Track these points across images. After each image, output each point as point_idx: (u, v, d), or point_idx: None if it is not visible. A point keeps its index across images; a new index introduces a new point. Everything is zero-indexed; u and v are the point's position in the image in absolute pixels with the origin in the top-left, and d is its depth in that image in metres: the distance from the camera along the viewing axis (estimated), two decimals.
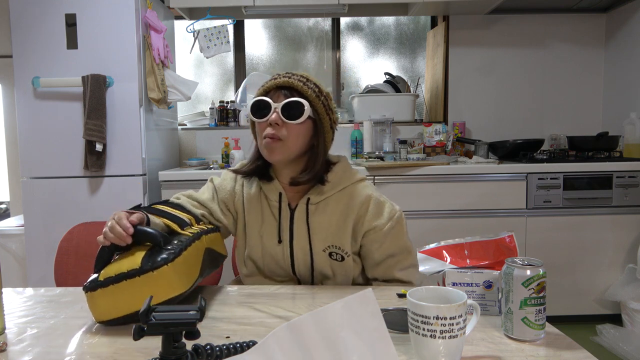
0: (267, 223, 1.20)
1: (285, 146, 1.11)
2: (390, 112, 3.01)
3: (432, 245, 0.96)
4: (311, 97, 1.12)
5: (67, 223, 1.65)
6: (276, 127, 1.10)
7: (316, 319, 0.59)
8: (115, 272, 0.88)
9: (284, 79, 1.13)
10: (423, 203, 2.54)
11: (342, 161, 1.22)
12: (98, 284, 0.88)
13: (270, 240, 1.19)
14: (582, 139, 2.83)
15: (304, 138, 1.13)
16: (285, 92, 1.12)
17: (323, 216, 1.17)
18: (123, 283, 0.87)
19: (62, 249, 1.47)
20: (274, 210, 1.19)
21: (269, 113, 1.11)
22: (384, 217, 1.16)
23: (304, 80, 1.13)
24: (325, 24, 3.38)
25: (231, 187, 1.25)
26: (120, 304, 0.87)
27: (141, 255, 0.90)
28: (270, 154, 1.12)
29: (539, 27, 3.19)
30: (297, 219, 1.17)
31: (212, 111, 3.19)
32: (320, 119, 1.14)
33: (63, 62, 2.41)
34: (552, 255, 2.58)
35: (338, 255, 1.17)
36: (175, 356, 0.63)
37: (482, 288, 0.90)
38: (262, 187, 1.21)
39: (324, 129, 1.16)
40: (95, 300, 0.88)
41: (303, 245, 1.17)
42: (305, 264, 1.18)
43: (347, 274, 1.19)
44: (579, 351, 0.75)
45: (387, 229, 1.16)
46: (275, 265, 1.20)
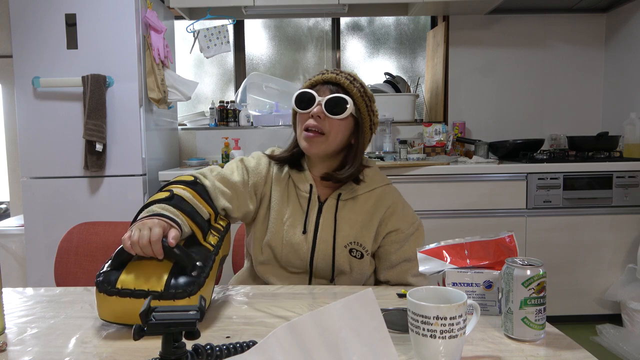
0: (293, 212, 1.20)
1: (325, 140, 1.15)
2: (390, 112, 3.01)
3: (432, 245, 0.96)
4: (355, 95, 1.15)
5: (67, 223, 1.65)
6: (318, 120, 1.14)
7: (316, 319, 0.59)
8: (135, 287, 0.85)
9: (331, 75, 1.16)
10: (423, 203, 2.54)
11: (374, 165, 1.26)
12: (114, 291, 0.85)
13: (295, 229, 1.19)
14: (582, 139, 2.83)
15: (343, 135, 1.16)
16: (331, 88, 1.16)
17: (351, 213, 1.19)
18: (140, 301, 0.85)
19: (62, 249, 1.48)
20: (302, 201, 1.20)
21: (312, 105, 1.14)
22: (407, 222, 1.21)
23: (350, 78, 1.17)
24: (325, 24, 3.38)
25: (265, 172, 1.24)
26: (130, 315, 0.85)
27: (166, 275, 0.88)
28: (310, 147, 1.15)
29: (539, 27, 3.19)
30: (325, 212, 1.19)
31: (212, 111, 3.19)
32: (361, 118, 1.17)
33: (63, 62, 2.41)
34: (552, 255, 2.58)
35: (358, 252, 1.18)
36: (175, 356, 0.63)
37: (482, 288, 0.90)
38: (291, 175, 1.23)
39: (364, 129, 1.19)
40: (107, 303, 0.86)
41: (327, 238, 1.18)
42: (326, 258, 1.18)
43: (363, 272, 1.20)
44: (579, 351, 0.75)
45: (409, 234, 1.20)
46: (294, 255, 1.19)
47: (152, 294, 0.85)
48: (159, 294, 0.85)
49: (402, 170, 2.52)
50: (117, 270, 0.89)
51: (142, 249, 0.89)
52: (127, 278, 0.87)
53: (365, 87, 1.19)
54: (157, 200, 1.02)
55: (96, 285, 0.87)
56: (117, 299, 0.85)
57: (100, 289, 0.86)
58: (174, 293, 0.85)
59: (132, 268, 0.89)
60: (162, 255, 0.89)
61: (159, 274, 0.88)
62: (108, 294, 0.85)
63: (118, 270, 0.89)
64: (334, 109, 1.13)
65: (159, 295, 0.85)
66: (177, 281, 0.87)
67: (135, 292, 0.85)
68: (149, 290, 0.85)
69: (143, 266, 0.90)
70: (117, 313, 0.86)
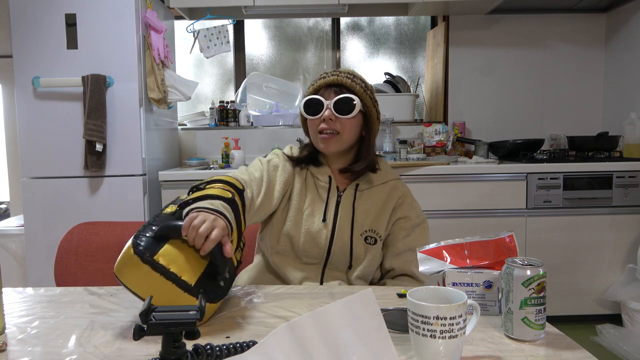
0: (312, 202, 1.26)
1: (340, 139, 1.21)
2: (390, 112, 3.01)
3: (432, 245, 0.96)
4: (359, 92, 1.21)
5: (67, 223, 1.65)
6: (329, 122, 1.20)
7: (316, 319, 0.59)
8: (169, 266, 0.85)
9: (332, 77, 1.22)
10: (423, 203, 2.50)
11: (384, 161, 1.34)
12: (149, 261, 0.84)
13: (314, 218, 1.24)
14: (582, 139, 2.83)
15: (355, 130, 1.23)
16: (335, 89, 1.21)
17: (367, 202, 1.25)
18: (166, 283, 0.84)
19: (62, 249, 1.47)
20: (321, 191, 1.26)
21: (321, 110, 1.20)
22: (415, 212, 1.29)
23: (351, 77, 1.22)
24: (325, 24, 3.38)
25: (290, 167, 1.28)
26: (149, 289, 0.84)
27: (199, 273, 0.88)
28: (327, 147, 1.22)
29: (539, 27, 3.19)
30: (344, 201, 1.25)
31: (212, 111, 3.19)
32: (368, 111, 1.24)
33: (63, 62, 2.41)
34: (552, 255, 2.58)
35: (372, 238, 1.24)
36: (175, 356, 0.63)
37: (482, 288, 0.90)
38: (309, 168, 1.29)
39: (373, 120, 1.25)
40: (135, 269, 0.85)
41: (345, 227, 1.23)
42: (344, 246, 1.23)
43: (375, 258, 1.25)
44: (579, 351, 0.75)
45: (416, 223, 1.27)
46: (312, 244, 1.23)
47: (181, 282, 0.85)
48: (187, 287, 0.85)
49: (402, 170, 2.52)
50: (158, 242, 0.88)
51: (196, 238, 0.87)
52: (166, 254, 0.86)
53: (365, 81, 1.25)
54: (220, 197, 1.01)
55: (133, 246, 0.86)
56: (148, 269, 0.84)
57: (136, 252, 0.85)
58: (195, 293, 0.85)
59: (172, 247, 0.88)
60: (206, 253, 0.89)
61: (195, 268, 0.88)
62: (142, 260, 0.84)
63: (159, 243, 0.88)
64: (342, 110, 1.19)
65: (186, 288, 0.85)
66: (206, 282, 0.88)
67: (167, 272, 0.85)
68: (181, 277, 0.85)
69: (183, 250, 0.89)
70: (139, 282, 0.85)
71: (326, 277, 1.24)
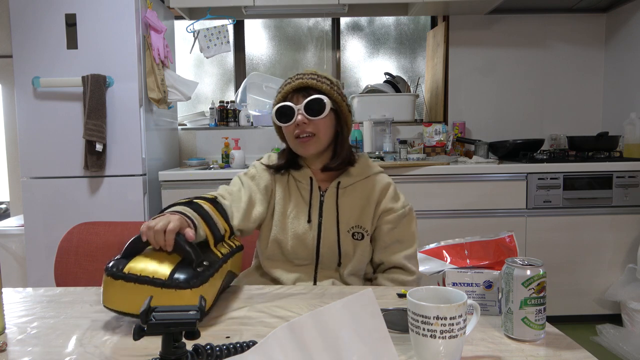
0: (296, 204, 1.27)
1: (318, 140, 1.22)
2: (390, 112, 3.01)
3: (432, 245, 0.96)
4: (327, 90, 1.21)
5: (67, 223, 1.65)
6: (304, 126, 1.20)
7: (316, 319, 0.59)
8: (141, 272, 0.87)
9: (298, 81, 1.22)
10: (423, 203, 2.54)
11: (364, 155, 1.34)
12: (121, 276, 0.87)
13: (299, 220, 1.25)
14: (582, 139, 2.83)
15: (330, 128, 1.24)
16: (303, 93, 1.21)
17: (350, 199, 1.26)
18: (144, 286, 0.86)
19: (62, 249, 1.47)
20: (304, 193, 1.27)
21: (293, 116, 1.20)
22: (399, 203, 1.28)
23: (315, 77, 1.22)
24: (325, 24, 3.38)
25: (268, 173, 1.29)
26: (132, 302, 0.86)
27: (172, 267, 0.89)
28: (306, 150, 1.22)
29: (539, 27, 3.19)
30: (327, 200, 1.25)
31: (212, 111, 3.19)
32: (339, 107, 1.24)
33: (63, 62, 2.41)
34: (552, 255, 2.58)
35: (359, 234, 1.25)
36: (175, 356, 0.63)
37: (482, 288, 0.90)
38: (291, 172, 1.29)
39: (345, 115, 1.26)
40: (112, 288, 0.88)
41: (331, 225, 1.24)
42: (331, 244, 1.24)
43: (365, 253, 1.25)
44: (579, 351, 0.75)
45: (401, 214, 1.26)
46: (300, 246, 1.24)
47: (156, 281, 0.86)
48: (162, 282, 0.86)
49: (402, 170, 2.52)
50: (126, 259, 0.91)
51: (155, 235, 0.91)
52: (134, 265, 0.89)
53: (330, 78, 1.25)
54: (178, 204, 1.07)
55: (105, 270, 0.89)
56: (122, 283, 0.87)
57: (107, 273, 0.88)
58: (177, 283, 0.86)
59: (141, 258, 0.91)
60: (171, 246, 0.92)
61: (166, 265, 0.90)
62: (114, 278, 0.87)
63: (128, 259, 0.91)
64: (314, 111, 1.19)
65: (162, 284, 0.86)
66: (181, 273, 0.88)
67: (140, 277, 0.87)
68: (153, 278, 0.86)
69: (152, 256, 0.92)
70: (120, 299, 0.87)
71: (319, 277, 1.25)
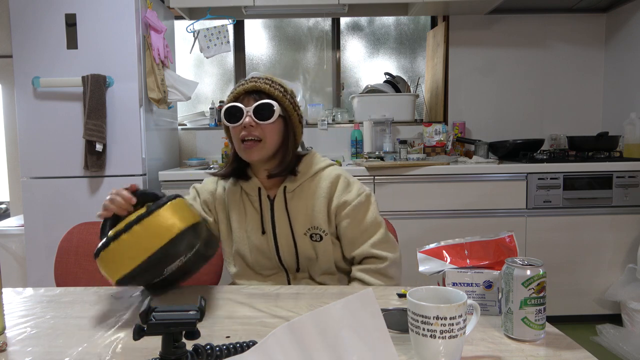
0: (250, 217, 1.27)
1: (264, 146, 1.20)
2: (390, 112, 3.01)
3: (432, 245, 0.96)
4: (278, 97, 1.21)
5: (67, 223, 1.65)
6: (250, 129, 1.19)
7: (316, 319, 0.59)
8: (124, 224, 0.91)
9: (251, 84, 1.21)
10: (423, 203, 2.54)
11: (310, 153, 1.31)
12: (110, 239, 0.90)
13: (255, 232, 1.25)
14: (582, 139, 2.83)
15: (277, 135, 1.22)
16: (255, 96, 1.20)
17: (300, 201, 1.24)
18: (134, 229, 0.89)
19: (62, 249, 1.47)
20: (255, 204, 1.26)
21: (241, 117, 1.19)
22: (352, 193, 1.25)
23: (269, 82, 1.22)
24: (325, 24, 3.38)
25: (212, 189, 1.32)
26: (134, 251, 0.89)
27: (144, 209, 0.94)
28: (250, 155, 1.21)
29: (539, 27, 3.19)
30: (277, 207, 1.25)
31: (212, 111, 3.19)
32: (289, 115, 1.23)
33: (63, 62, 2.41)
34: (552, 255, 2.58)
35: (317, 235, 1.23)
36: (175, 356, 0.63)
37: (482, 288, 0.90)
38: (242, 187, 1.28)
39: (294, 124, 1.25)
40: (109, 256, 0.90)
41: (285, 231, 1.24)
42: (290, 250, 1.24)
43: (328, 254, 1.24)
44: (579, 351, 0.75)
45: (357, 204, 1.23)
46: (263, 257, 1.26)
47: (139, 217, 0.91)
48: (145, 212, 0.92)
49: (402, 170, 2.52)
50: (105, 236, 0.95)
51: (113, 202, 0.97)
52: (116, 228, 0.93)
53: (284, 86, 1.25)
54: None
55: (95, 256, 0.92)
56: (115, 243, 0.90)
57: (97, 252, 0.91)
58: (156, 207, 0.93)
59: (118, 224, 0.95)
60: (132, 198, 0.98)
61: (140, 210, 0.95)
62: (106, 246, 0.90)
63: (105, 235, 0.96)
64: (262, 115, 1.18)
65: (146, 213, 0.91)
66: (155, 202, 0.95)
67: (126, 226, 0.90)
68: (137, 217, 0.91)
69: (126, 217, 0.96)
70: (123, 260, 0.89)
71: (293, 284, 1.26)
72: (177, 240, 0.92)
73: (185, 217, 0.96)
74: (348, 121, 3.26)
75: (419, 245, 1.08)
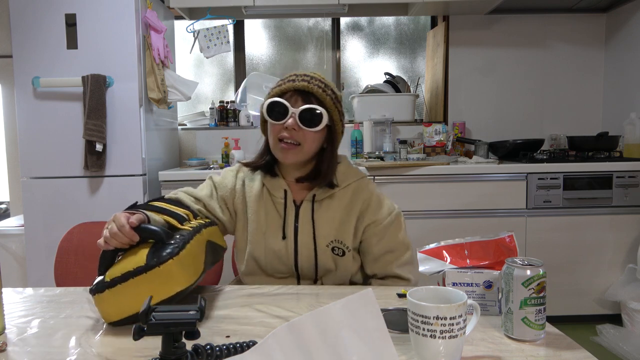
0: (270, 219, 1.20)
1: (301, 150, 1.14)
2: (390, 112, 3.01)
3: (432, 245, 0.96)
4: (329, 104, 1.13)
5: (67, 223, 1.65)
6: (291, 132, 1.12)
7: (316, 318, 0.59)
8: (121, 272, 0.88)
9: (302, 84, 1.12)
10: (423, 203, 2.54)
11: (343, 161, 1.25)
12: (105, 285, 0.87)
13: (274, 236, 1.19)
14: (582, 139, 2.83)
15: (318, 143, 1.16)
16: (303, 97, 1.12)
17: (328, 212, 1.18)
18: (130, 281, 0.86)
19: (62, 249, 1.47)
20: (279, 207, 1.20)
21: (285, 116, 1.12)
22: (383, 212, 1.20)
23: (322, 85, 1.13)
24: (325, 24, 3.38)
25: (232, 185, 1.25)
26: (128, 302, 0.86)
27: (145, 252, 0.89)
28: (285, 157, 1.15)
29: (539, 27, 3.19)
30: (302, 215, 1.18)
31: (212, 111, 3.19)
32: (334, 124, 1.16)
33: (63, 62, 2.41)
34: (552, 255, 2.58)
35: (340, 250, 1.18)
36: (175, 356, 0.63)
37: (482, 288, 0.90)
38: (265, 183, 1.22)
39: (337, 134, 1.18)
40: (104, 301, 0.87)
41: (307, 241, 1.17)
42: (309, 260, 1.18)
43: (347, 269, 1.20)
44: (579, 351, 0.75)
45: (387, 223, 1.19)
46: (278, 262, 1.20)
47: (137, 270, 0.87)
48: (144, 267, 0.87)
49: (402, 170, 2.52)
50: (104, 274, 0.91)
51: (114, 238, 0.91)
52: (113, 271, 0.89)
53: (335, 91, 1.17)
54: None
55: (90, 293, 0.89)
56: (109, 291, 0.87)
57: (93, 292, 0.88)
58: (157, 261, 0.87)
59: (116, 264, 0.92)
60: (133, 234, 0.91)
61: (140, 254, 0.90)
62: (100, 291, 0.87)
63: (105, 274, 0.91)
64: (308, 121, 1.11)
65: (144, 267, 0.87)
66: (156, 251, 0.89)
67: (122, 276, 0.87)
68: (135, 269, 0.87)
69: (125, 257, 0.92)
70: (117, 307, 0.87)
71: None
72: (176, 296, 0.89)
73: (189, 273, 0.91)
74: (348, 121, 3.26)
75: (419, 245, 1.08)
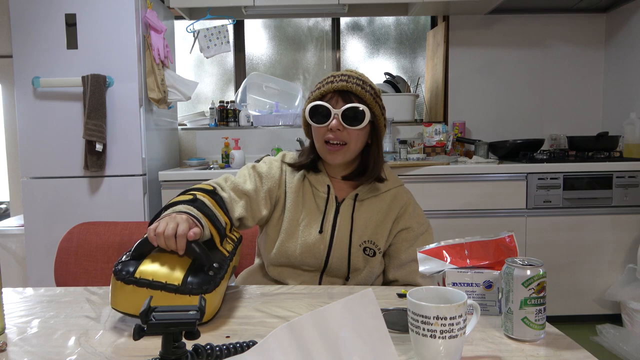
0: (308, 211, 1.21)
1: (348, 150, 1.16)
2: (390, 112, 2.99)
3: (432, 245, 0.96)
4: (369, 100, 1.15)
5: (67, 223, 1.65)
6: (337, 133, 1.14)
7: (316, 319, 0.59)
8: (153, 277, 0.86)
9: (341, 84, 1.14)
10: (423, 203, 2.52)
11: (386, 166, 1.28)
12: (132, 280, 0.85)
13: (311, 230, 1.19)
14: (582, 139, 2.83)
15: (363, 140, 1.19)
16: (344, 97, 1.14)
17: (367, 213, 1.20)
18: (157, 292, 0.85)
19: (62, 249, 1.47)
20: (319, 201, 1.21)
21: (328, 118, 1.14)
22: (418, 221, 1.24)
23: (361, 83, 1.15)
24: (325, 24, 3.38)
25: (278, 176, 1.25)
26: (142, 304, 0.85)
27: (183, 272, 0.88)
28: (334, 159, 1.17)
29: (539, 27, 3.19)
30: (342, 212, 1.20)
31: (212, 111, 3.19)
32: (377, 120, 1.18)
33: (63, 62, 2.41)
34: (552, 255, 2.58)
35: (371, 250, 1.20)
36: (175, 356, 0.63)
37: (482, 288, 0.90)
38: (307, 176, 1.23)
39: (380, 129, 1.21)
40: (122, 291, 0.86)
41: (343, 238, 1.19)
42: (342, 258, 1.19)
43: (374, 270, 1.21)
44: (579, 351, 0.75)
45: (419, 233, 1.23)
46: (309, 255, 1.19)
47: (169, 287, 0.85)
48: (176, 288, 0.85)
49: (402, 170, 2.52)
50: (136, 261, 0.89)
51: (166, 241, 0.89)
52: (146, 269, 0.87)
53: (374, 87, 1.19)
54: (181, 202, 1.03)
55: (114, 273, 0.87)
56: (134, 288, 0.85)
57: (117, 277, 0.86)
58: (190, 289, 0.85)
59: (151, 260, 0.90)
60: (183, 250, 0.90)
61: (178, 269, 0.88)
62: (125, 282, 0.86)
63: (137, 261, 0.89)
64: (351, 120, 1.13)
65: (175, 289, 0.85)
66: (194, 278, 0.87)
67: (153, 283, 0.85)
68: (167, 283, 0.85)
69: (162, 259, 0.90)
70: (131, 303, 0.86)
71: (324, 283, 1.22)
72: None
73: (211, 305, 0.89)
74: None
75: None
